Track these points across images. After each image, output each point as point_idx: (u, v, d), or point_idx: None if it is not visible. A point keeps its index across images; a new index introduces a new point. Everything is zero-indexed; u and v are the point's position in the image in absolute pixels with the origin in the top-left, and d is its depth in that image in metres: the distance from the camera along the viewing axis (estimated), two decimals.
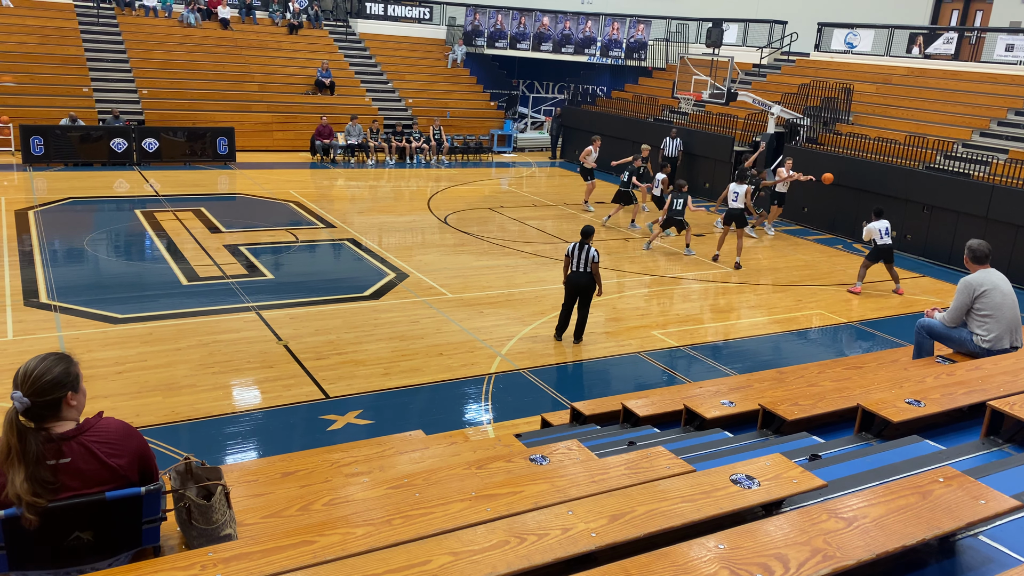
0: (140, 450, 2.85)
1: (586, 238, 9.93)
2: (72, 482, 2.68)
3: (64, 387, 2.75)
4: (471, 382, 8.93)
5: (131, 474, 2.80)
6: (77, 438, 2.73)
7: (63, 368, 2.76)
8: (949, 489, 3.04)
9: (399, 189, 20.70)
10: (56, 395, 2.72)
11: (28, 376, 2.70)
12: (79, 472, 2.69)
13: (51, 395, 2.71)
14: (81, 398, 2.84)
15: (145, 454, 2.88)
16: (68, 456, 2.69)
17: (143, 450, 2.87)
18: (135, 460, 2.82)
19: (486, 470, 3.57)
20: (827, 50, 23.83)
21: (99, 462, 2.72)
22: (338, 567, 2.51)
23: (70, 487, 2.68)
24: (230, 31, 27.25)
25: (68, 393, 2.76)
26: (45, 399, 2.70)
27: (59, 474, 2.66)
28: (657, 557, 2.56)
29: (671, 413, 5.64)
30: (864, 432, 4.55)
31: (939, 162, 16.79)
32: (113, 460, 2.75)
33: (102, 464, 2.73)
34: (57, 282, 11.34)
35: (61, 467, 2.67)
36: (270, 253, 13.76)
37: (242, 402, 8.16)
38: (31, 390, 2.68)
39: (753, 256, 15.50)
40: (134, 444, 2.84)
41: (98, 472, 2.72)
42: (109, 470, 2.73)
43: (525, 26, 29.62)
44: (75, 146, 20.27)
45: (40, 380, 2.70)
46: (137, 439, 2.87)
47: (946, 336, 6.40)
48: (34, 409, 2.68)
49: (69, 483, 2.68)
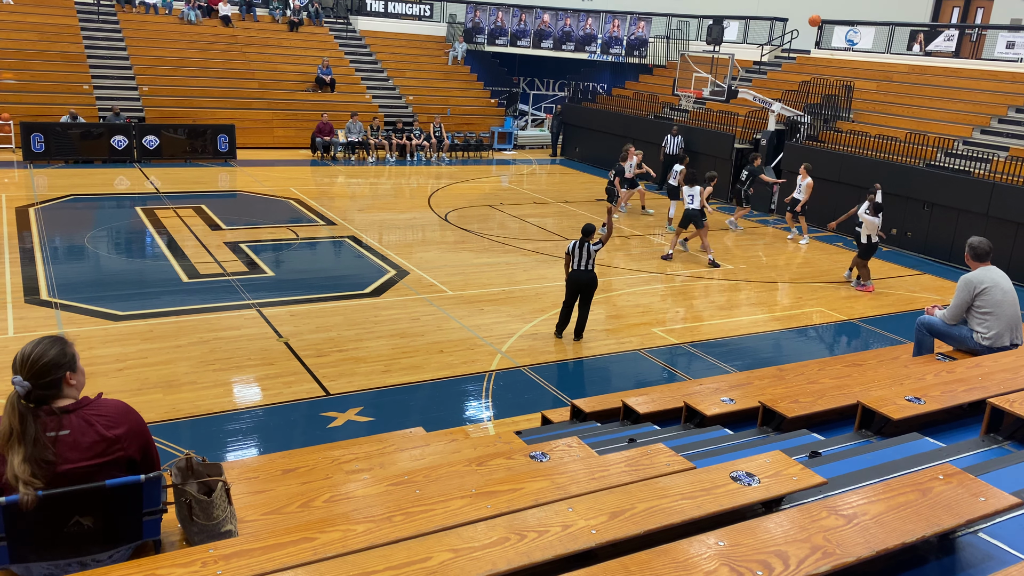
0: (139, 426, 2.89)
1: (586, 236, 9.94)
2: (71, 454, 2.72)
3: (62, 367, 2.80)
4: (471, 379, 8.94)
5: (130, 448, 2.83)
6: (77, 411, 2.78)
7: (59, 349, 2.82)
8: (949, 486, 3.04)
9: (400, 186, 20.69)
10: (55, 375, 2.78)
11: (26, 360, 2.75)
12: (77, 444, 2.73)
13: (50, 376, 2.76)
14: (80, 377, 2.89)
15: (144, 432, 2.91)
16: (67, 428, 2.74)
17: (142, 428, 2.91)
18: (134, 434, 2.85)
19: (486, 467, 3.57)
20: (828, 47, 23.81)
21: (97, 433, 2.76)
22: (339, 564, 2.52)
23: (69, 459, 2.71)
24: (231, 28, 27.23)
25: (67, 373, 2.82)
26: (45, 380, 2.75)
27: (58, 446, 2.71)
28: (657, 554, 2.56)
29: (671, 410, 5.65)
30: (864, 429, 4.56)
31: (940, 159, 16.78)
32: (112, 431, 2.78)
33: (100, 436, 2.76)
34: (58, 279, 11.35)
35: (60, 439, 2.72)
36: (271, 250, 13.76)
37: (243, 399, 8.17)
38: (30, 373, 2.73)
39: (753, 254, 15.50)
40: (133, 419, 2.88)
41: (97, 443, 2.75)
42: (107, 441, 2.77)
43: (526, 23, 29.60)
44: (76, 143, 20.26)
45: (38, 363, 2.75)
46: (136, 416, 2.90)
47: (946, 333, 6.40)
48: (35, 392, 2.73)
49: (68, 455, 2.71)
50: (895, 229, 16.62)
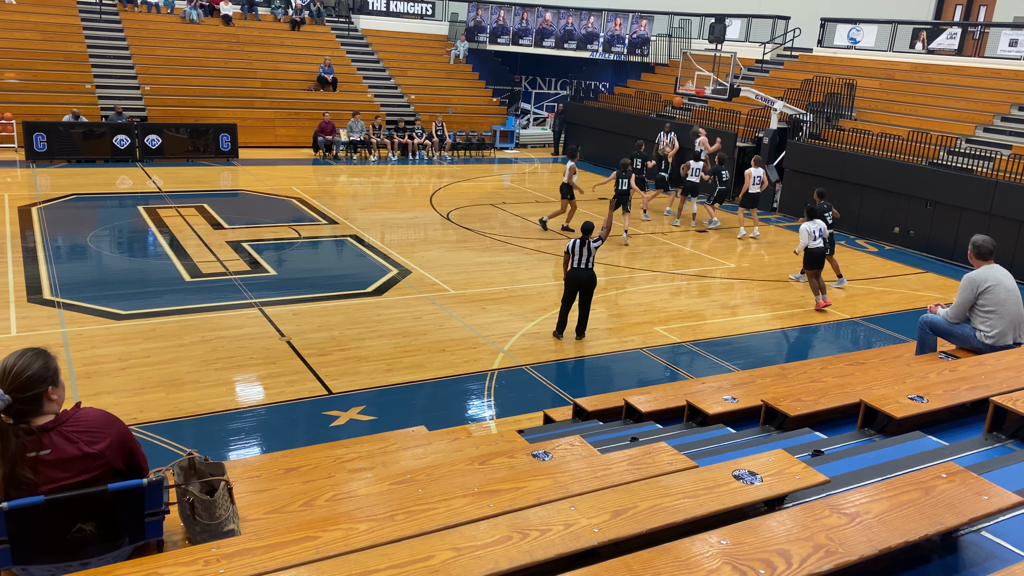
0: (121, 436, 2.82)
1: (586, 235, 9.93)
2: (56, 473, 2.66)
3: (44, 382, 2.73)
4: (473, 378, 8.94)
5: (114, 460, 2.77)
6: (56, 429, 2.71)
7: (42, 363, 2.74)
8: (952, 485, 3.04)
9: (401, 185, 20.69)
10: (37, 390, 2.70)
11: (7, 373, 2.66)
12: (60, 463, 2.67)
13: (32, 391, 2.68)
14: (61, 392, 2.81)
15: (127, 440, 2.85)
16: (48, 448, 2.66)
17: (124, 436, 2.84)
18: (116, 445, 2.79)
19: (488, 466, 3.57)
20: (830, 45, 23.77)
21: (79, 450, 2.70)
22: (341, 562, 2.52)
23: (52, 479, 2.65)
24: (232, 27, 27.24)
25: (48, 388, 2.74)
26: (26, 395, 2.67)
27: (41, 466, 2.64)
28: (659, 553, 2.56)
29: (674, 409, 5.64)
30: (867, 428, 4.55)
31: (943, 158, 16.75)
32: (94, 447, 2.72)
33: (83, 453, 2.70)
34: (60, 278, 11.36)
35: (42, 459, 2.65)
36: (273, 249, 13.77)
37: (245, 398, 8.18)
38: (12, 387, 2.65)
39: (755, 252, 15.49)
40: (114, 430, 2.81)
41: (79, 461, 2.70)
42: (90, 458, 2.71)
43: (527, 22, 29.58)
44: (78, 142, 20.29)
45: (20, 376, 2.67)
46: (117, 425, 2.84)
47: (949, 332, 6.39)
48: (15, 406, 2.65)
49: (53, 475, 2.66)
50: (897, 227, 16.61)
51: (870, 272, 14.49)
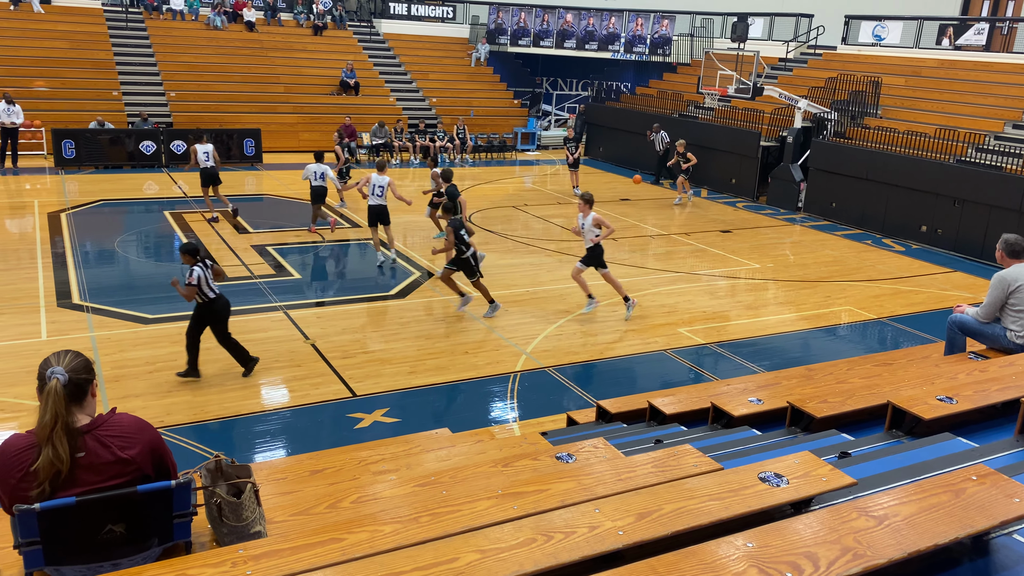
0: (153, 442, 2.89)
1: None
2: (88, 476, 2.72)
3: (91, 372, 2.88)
4: (496, 380, 8.95)
5: (144, 465, 2.83)
6: (92, 432, 2.79)
7: (87, 360, 2.90)
8: (982, 487, 2.99)
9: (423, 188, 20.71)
10: (88, 376, 2.85)
11: (63, 354, 2.83)
12: (93, 466, 2.74)
13: (83, 375, 2.83)
14: (94, 400, 2.93)
15: (159, 447, 2.92)
16: (83, 450, 2.74)
17: (156, 443, 2.91)
18: (147, 452, 2.85)
19: (512, 468, 3.57)
20: (855, 43, 23.53)
21: (112, 455, 2.77)
22: (366, 564, 2.53)
23: (86, 482, 2.71)
24: (255, 33, 27.50)
25: (94, 382, 2.88)
26: (81, 377, 2.81)
27: (75, 469, 2.71)
28: (685, 555, 2.54)
29: (698, 411, 5.61)
30: (895, 430, 4.50)
31: (970, 155, 16.51)
32: (126, 452, 2.79)
33: (115, 457, 2.77)
34: (89, 283, 11.52)
35: (77, 461, 2.72)
36: (297, 253, 13.87)
37: (271, 401, 8.24)
38: (70, 366, 2.79)
39: (780, 252, 15.36)
40: (147, 437, 2.88)
41: (111, 465, 2.76)
42: (122, 463, 2.77)
43: (548, 23, 29.57)
44: (105, 149, 20.60)
45: (75, 360, 2.83)
46: (150, 432, 2.91)
47: (979, 332, 6.29)
48: (69, 386, 2.77)
49: (84, 477, 2.72)
50: (925, 226, 16.40)
51: (897, 272, 14.32)
